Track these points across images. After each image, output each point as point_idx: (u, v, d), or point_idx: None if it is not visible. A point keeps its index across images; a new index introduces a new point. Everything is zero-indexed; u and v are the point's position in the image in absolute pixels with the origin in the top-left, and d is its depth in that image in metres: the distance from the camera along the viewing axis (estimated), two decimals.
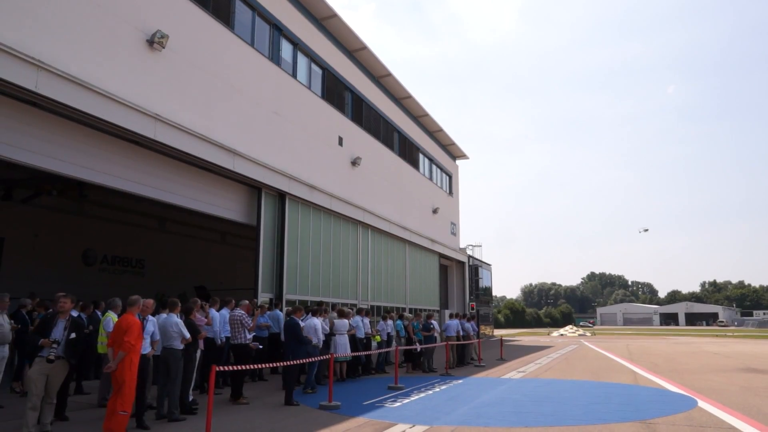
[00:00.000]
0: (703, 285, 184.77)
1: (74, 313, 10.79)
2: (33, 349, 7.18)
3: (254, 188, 16.96)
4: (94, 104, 11.10)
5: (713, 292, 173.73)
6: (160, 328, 8.94)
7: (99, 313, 11.58)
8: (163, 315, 9.12)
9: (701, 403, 10.27)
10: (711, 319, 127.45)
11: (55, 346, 7.20)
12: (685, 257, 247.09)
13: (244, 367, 9.26)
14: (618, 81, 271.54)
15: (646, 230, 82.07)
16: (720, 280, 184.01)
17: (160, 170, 13.85)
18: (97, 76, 11.30)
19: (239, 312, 11.11)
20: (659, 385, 13.26)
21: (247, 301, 11.55)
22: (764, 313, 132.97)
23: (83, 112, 11.00)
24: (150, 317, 8.59)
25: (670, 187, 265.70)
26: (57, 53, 10.53)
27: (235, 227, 21.62)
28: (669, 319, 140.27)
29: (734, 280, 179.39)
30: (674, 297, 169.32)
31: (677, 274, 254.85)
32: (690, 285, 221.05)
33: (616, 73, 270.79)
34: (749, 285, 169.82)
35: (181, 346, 8.84)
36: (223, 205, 16.07)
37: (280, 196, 17.82)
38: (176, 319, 8.85)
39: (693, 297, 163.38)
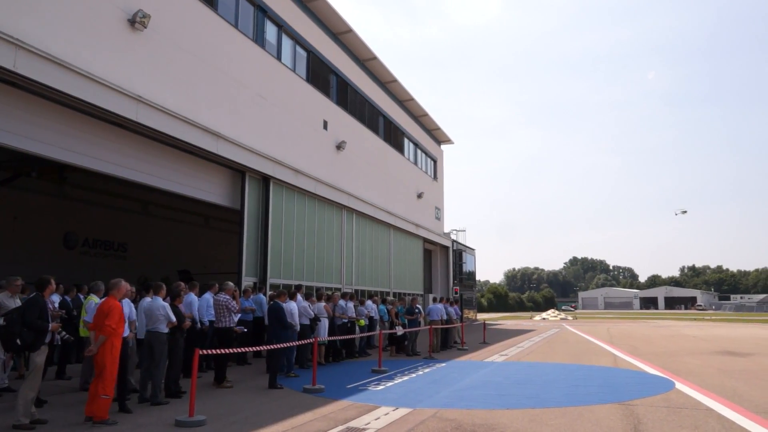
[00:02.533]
0: (682, 269, 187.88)
1: (56, 297, 10.76)
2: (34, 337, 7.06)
3: (238, 172, 16.84)
4: (74, 84, 10.91)
5: (692, 276, 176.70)
6: (145, 311, 8.92)
7: (81, 297, 11.50)
8: (148, 298, 9.08)
9: (679, 385, 10.49)
10: (690, 303, 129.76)
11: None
12: (666, 242, 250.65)
13: (227, 350, 9.26)
14: (603, 66, 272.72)
15: (684, 212, 75.92)
16: (699, 264, 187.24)
17: (143, 153, 13.69)
18: (78, 55, 11.09)
19: (224, 296, 11.10)
20: (638, 368, 13.51)
21: (232, 284, 11.53)
22: (741, 297, 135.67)
23: (63, 93, 10.82)
24: (126, 300, 8.54)
25: (652, 173, 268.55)
26: (36, 32, 10.30)
27: (219, 211, 21.48)
28: (649, 303, 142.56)
29: (713, 265, 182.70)
30: (654, 281, 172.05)
31: (658, 258, 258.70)
32: (670, 269, 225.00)
33: (602, 59, 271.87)
34: (727, 270, 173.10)
35: (166, 330, 8.82)
36: (206, 188, 15.95)
37: (265, 180, 17.72)
38: (162, 303, 8.81)
39: (672, 281, 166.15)
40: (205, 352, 8.51)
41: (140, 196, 22.29)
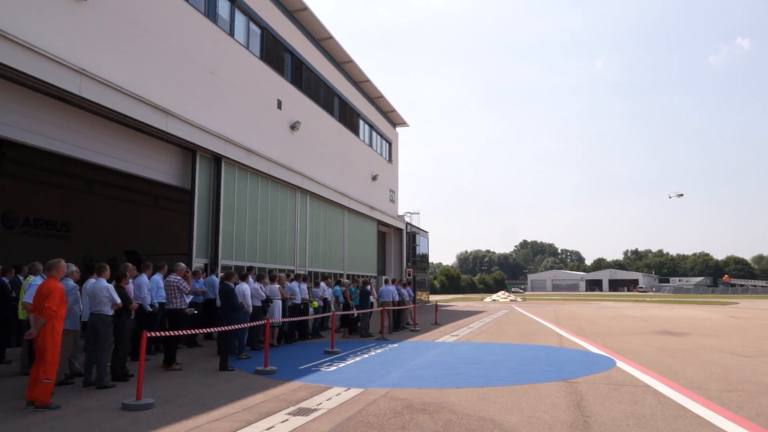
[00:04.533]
0: (626, 253, 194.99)
1: None
2: None
3: (188, 150, 16.42)
4: (11, 55, 10.35)
5: (635, 260, 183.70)
6: (88, 293, 8.66)
7: (21, 278, 11.05)
8: (92, 280, 8.81)
9: (619, 363, 10.93)
10: (632, 285, 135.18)
11: None
12: (611, 226, 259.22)
13: (176, 332, 9.10)
14: (555, 53, 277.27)
15: (681, 195, 73.16)
16: (641, 248, 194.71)
17: (87, 129, 13.15)
18: (16, 25, 10.51)
19: (175, 277, 10.88)
20: (582, 347, 14.00)
21: (183, 265, 11.32)
22: (680, 280, 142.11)
23: (0, 64, 10.26)
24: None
25: (597, 159, 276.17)
26: None
27: (168, 190, 20.95)
28: (594, 285, 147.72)
29: (654, 249, 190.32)
30: (600, 264, 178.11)
31: (603, 242, 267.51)
32: (614, 253, 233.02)
33: (554, 45, 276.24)
34: (667, 253, 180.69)
35: (111, 312, 8.58)
36: (155, 167, 15.49)
37: (216, 160, 17.34)
38: (105, 284, 8.56)
39: (616, 264, 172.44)
40: (153, 334, 8.34)
41: (85, 173, 21.50)
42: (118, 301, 8.61)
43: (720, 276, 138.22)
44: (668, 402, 7.39)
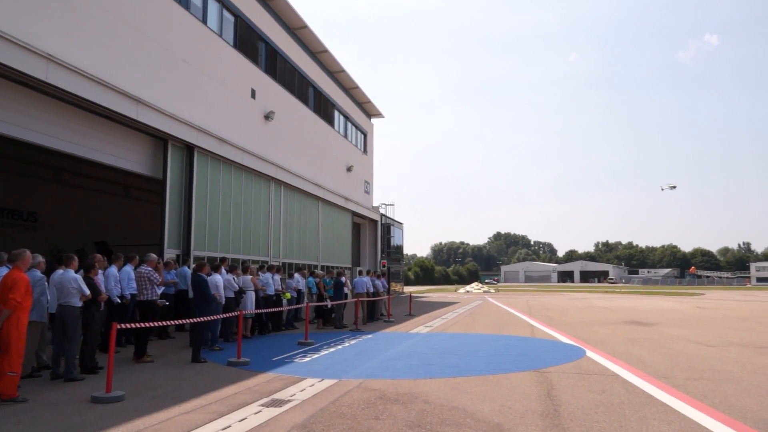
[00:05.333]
0: (597, 245, 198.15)
1: None
2: None
3: (160, 139, 16.14)
4: None
5: (605, 251, 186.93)
6: (56, 284, 8.49)
7: None
8: (59, 271, 8.63)
9: (589, 353, 11.14)
10: (602, 276, 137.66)
11: None
12: (583, 218, 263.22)
13: (147, 324, 8.97)
14: (529, 46, 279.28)
15: (673, 187, 70.95)
16: (612, 240, 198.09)
17: (55, 116, 12.81)
18: None
19: (146, 268, 10.73)
20: (553, 337, 14.23)
21: (154, 256, 11.15)
22: (648, 272, 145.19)
23: None
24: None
25: (571, 153, 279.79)
26: None
27: (139, 180, 20.59)
28: (566, 276, 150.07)
29: (624, 241, 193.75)
30: (571, 256, 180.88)
31: (575, 234, 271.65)
32: (585, 245, 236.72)
33: (528, 38, 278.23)
34: (636, 245, 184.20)
35: (80, 304, 8.42)
36: (125, 156, 15.19)
37: (188, 149, 17.08)
38: (73, 275, 8.39)
39: (588, 256, 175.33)
40: (123, 325, 8.22)
41: (52, 162, 20.96)
42: (87, 292, 8.45)
43: (687, 267, 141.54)
44: (636, 390, 7.56)
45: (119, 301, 10.64)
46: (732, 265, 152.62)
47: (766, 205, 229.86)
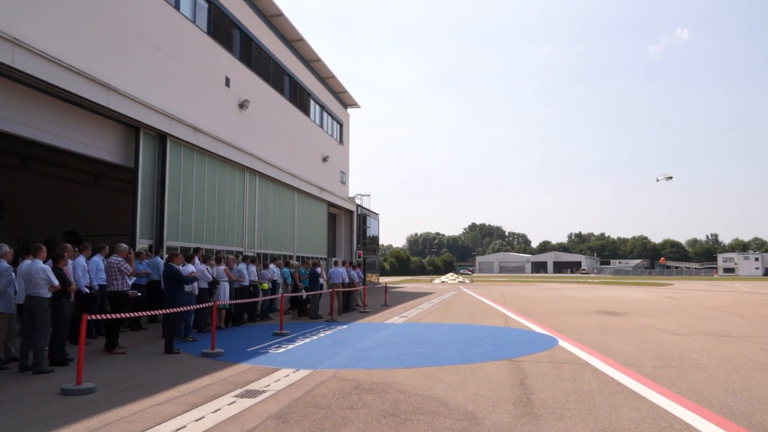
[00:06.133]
0: (570, 236, 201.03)
1: None
2: None
3: (131, 127, 15.84)
4: None
5: (578, 242, 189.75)
6: (24, 275, 8.30)
7: None
8: (27, 261, 8.44)
9: (561, 342, 11.33)
10: (575, 267, 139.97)
11: None
12: (557, 210, 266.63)
13: (118, 315, 8.84)
14: (504, 38, 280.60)
15: (670, 177, 70.90)
16: (584, 231, 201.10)
17: (22, 103, 12.47)
18: None
19: (116, 258, 10.55)
20: (527, 327, 14.43)
21: (125, 245, 10.97)
22: (620, 262, 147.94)
23: None
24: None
25: (546, 145, 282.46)
26: None
27: (111, 169, 20.18)
28: (539, 267, 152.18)
29: (596, 232, 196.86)
30: (545, 247, 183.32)
31: (548, 225, 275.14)
32: (559, 236, 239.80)
33: (502, 30, 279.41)
34: (608, 237, 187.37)
35: (48, 294, 8.26)
36: (96, 144, 14.87)
37: (161, 137, 16.81)
38: (42, 265, 8.22)
39: (561, 247, 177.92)
40: (94, 316, 8.09)
41: (19, 150, 20.40)
42: (56, 283, 8.29)
43: (657, 258, 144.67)
44: (606, 378, 7.72)
45: (87, 291, 10.45)
46: (700, 256, 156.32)
47: (733, 197, 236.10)
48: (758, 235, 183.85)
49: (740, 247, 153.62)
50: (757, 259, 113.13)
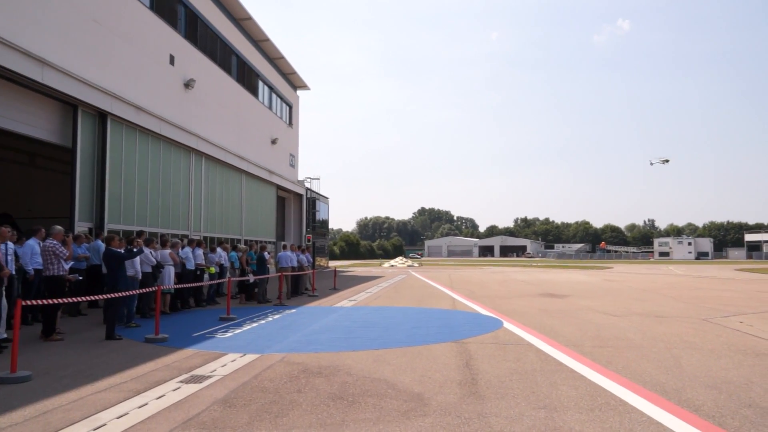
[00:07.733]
0: (516, 221, 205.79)
1: None
2: None
3: (69, 105, 15.15)
4: None
5: (524, 227, 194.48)
6: None
7: None
8: None
9: (506, 324, 11.62)
10: (521, 251, 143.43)
11: None
12: (503, 195, 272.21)
13: (55, 300, 8.50)
14: (452, 22, 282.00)
15: (666, 161, 69.14)
16: (530, 216, 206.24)
17: None
18: None
19: (51, 241, 10.11)
20: (473, 310, 14.72)
21: (60, 228, 10.52)
22: (563, 246, 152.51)
23: None
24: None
25: (493, 130, 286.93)
26: None
27: (46, 148, 19.29)
28: (486, 251, 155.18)
29: (541, 217, 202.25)
30: (492, 231, 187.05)
31: (496, 210, 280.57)
32: (505, 221, 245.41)
33: (451, 15, 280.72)
34: (553, 222, 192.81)
35: None
36: (29, 122, 14.16)
37: (101, 116, 16.15)
38: None
39: (507, 231, 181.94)
40: (29, 302, 7.75)
41: None
42: None
43: (598, 243, 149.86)
44: (548, 358, 7.98)
45: (25, 275, 10.01)
46: (638, 241, 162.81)
47: (668, 183, 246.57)
48: (691, 220, 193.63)
49: (675, 232, 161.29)
50: (690, 244, 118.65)
